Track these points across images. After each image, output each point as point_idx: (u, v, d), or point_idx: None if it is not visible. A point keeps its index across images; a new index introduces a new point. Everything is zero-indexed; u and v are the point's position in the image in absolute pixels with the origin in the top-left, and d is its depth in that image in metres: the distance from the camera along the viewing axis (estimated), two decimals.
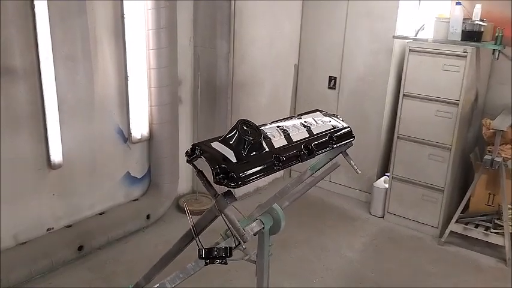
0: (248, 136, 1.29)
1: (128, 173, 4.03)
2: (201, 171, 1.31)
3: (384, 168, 4.56)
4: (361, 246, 3.95)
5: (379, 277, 3.51)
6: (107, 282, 3.28)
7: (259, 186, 4.82)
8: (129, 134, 3.89)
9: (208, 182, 1.27)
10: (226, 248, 1.34)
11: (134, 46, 3.68)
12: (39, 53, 3.13)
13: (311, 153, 1.46)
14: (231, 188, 1.24)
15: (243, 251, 1.92)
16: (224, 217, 1.30)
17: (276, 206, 2.03)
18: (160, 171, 4.11)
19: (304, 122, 1.56)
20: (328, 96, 4.74)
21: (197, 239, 1.35)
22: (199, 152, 1.27)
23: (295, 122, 1.55)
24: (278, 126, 1.50)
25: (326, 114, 1.67)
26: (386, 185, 4.35)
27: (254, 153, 1.30)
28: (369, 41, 4.35)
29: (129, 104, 3.81)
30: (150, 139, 4.01)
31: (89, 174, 3.70)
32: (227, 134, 1.34)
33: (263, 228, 2.01)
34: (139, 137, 3.92)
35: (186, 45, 4.22)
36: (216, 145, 1.30)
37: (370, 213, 4.51)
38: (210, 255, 1.32)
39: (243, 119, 1.36)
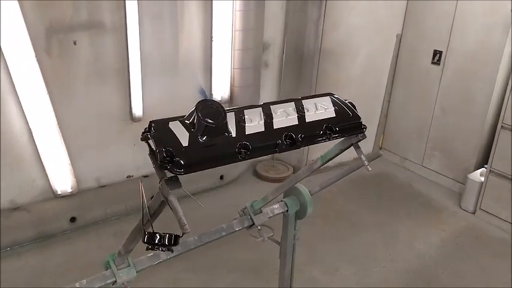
0: (208, 119, 1.18)
1: None
2: (154, 152, 1.24)
3: (484, 160, 4.04)
4: (439, 242, 3.60)
5: (449, 279, 3.18)
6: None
7: (343, 161, 4.60)
8: (211, 94, 3.94)
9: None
10: (171, 236, 1.26)
11: (221, 6, 3.65)
12: (126, 10, 3.27)
13: (294, 144, 1.31)
14: (175, 174, 1.15)
15: (258, 232, 1.86)
16: (168, 203, 1.23)
17: (304, 190, 1.91)
18: None
19: (301, 107, 1.39)
20: (431, 72, 4.27)
21: (142, 221, 1.30)
22: (152, 130, 1.20)
23: (290, 105, 1.39)
24: (264, 109, 1.36)
25: (337, 100, 1.47)
26: (483, 178, 3.86)
27: (215, 138, 1.20)
28: (484, 13, 3.77)
29: (212, 65, 3.84)
30: (230, 101, 4.03)
31: None
32: (188, 115, 1.24)
33: (287, 211, 1.91)
34: (220, 99, 3.96)
35: (278, 9, 4.08)
36: (173, 125, 1.21)
37: (460, 206, 4.06)
38: (151, 241, 1.26)
39: (205, 100, 1.25)
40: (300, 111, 1.36)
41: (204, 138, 1.18)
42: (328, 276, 3.11)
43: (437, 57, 4.18)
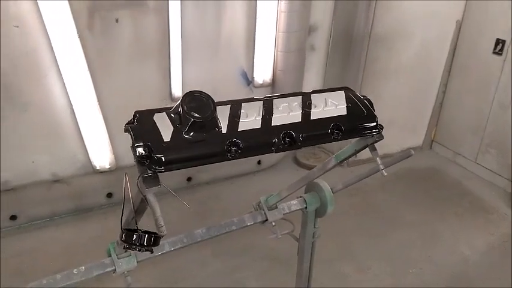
0: (194, 113, 1.09)
1: None
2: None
3: None
4: (485, 246, 3.35)
5: (492, 286, 2.96)
6: (201, 216, 3.43)
7: (387, 153, 4.40)
8: (252, 77, 3.85)
9: None
10: (151, 236, 1.18)
11: None
12: None
13: (293, 143, 1.19)
14: (154, 171, 1.07)
15: (270, 229, 1.77)
16: (146, 201, 1.15)
17: (326, 187, 1.79)
18: None
19: (308, 102, 1.26)
20: (491, 63, 3.93)
21: (121, 218, 1.23)
22: (135, 121, 1.12)
23: (295, 100, 1.26)
24: (265, 104, 1.24)
25: (352, 96, 1.32)
26: None
27: (202, 134, 1.10)
28: None
29: (255, 47, 3.74)
30: (272, 85, 3.92)
31: None
32: (175, 107, 1.15)
33: (305, 208, 1.80)
34: (261, 82, 3.86)
35: None
36: (158, 117, 1.13)
37: None
38: (128, 240, 1.19)
39: (193, 91, 1.14)
40: (306, 107, 1.24)
41: (189, 134, 1.09)
42: (359, 274, 2.99)
43: (499, 46, 3.83)
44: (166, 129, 1.09)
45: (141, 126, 1.10)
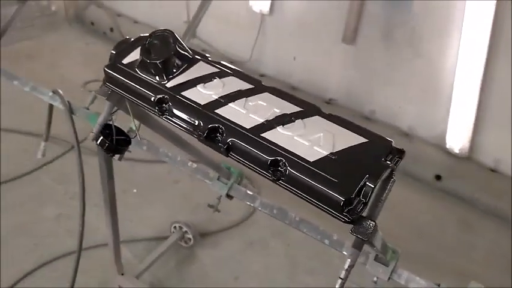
0: (150, 50, 1.00)
1: None
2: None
3: None
4: None
5: None
6: None
7: None
8: None
9: None
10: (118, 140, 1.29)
11: None
12: None
13: (216, 142, 0.93)
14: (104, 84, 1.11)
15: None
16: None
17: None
18: None
19: (294, 118, 0.92)
20: None
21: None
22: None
23: (285, 108, 0.94)
24: (254, 90, 0.98)
25: (372, 149, 0.84)
26: None
27: (146, 74, 1.05)
28: None
29: None
30: None
31: None
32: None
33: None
34: None
35: None
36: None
37: None
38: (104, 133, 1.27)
39: (164, 30, 1.02)
40: (278, 122, 0.93)
41: (138, 69, 1.06)
42: None
43: None
44: (137, 53, 1.08)
45: (141, 41, 1.08)
